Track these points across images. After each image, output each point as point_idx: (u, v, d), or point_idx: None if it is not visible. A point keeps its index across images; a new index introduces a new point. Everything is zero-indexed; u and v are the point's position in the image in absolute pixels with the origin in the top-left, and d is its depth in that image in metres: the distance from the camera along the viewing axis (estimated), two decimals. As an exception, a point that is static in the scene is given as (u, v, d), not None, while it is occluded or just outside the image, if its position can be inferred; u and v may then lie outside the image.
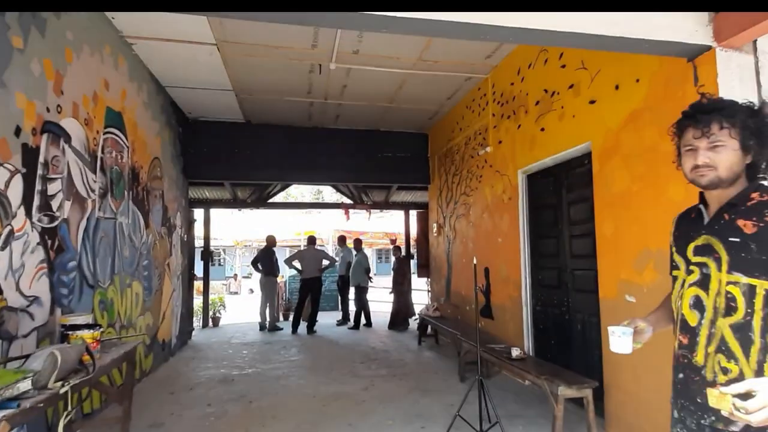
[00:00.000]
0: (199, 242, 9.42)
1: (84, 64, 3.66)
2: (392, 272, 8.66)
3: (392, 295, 8.30)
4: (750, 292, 1.17)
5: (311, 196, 21.73)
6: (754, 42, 2.63)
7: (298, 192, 22.33)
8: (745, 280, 1.18)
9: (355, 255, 8.60)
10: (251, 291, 17.88)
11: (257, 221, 15.49)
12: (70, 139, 3.44)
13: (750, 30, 2.41)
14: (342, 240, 9.26)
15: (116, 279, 4.29)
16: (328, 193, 21.18)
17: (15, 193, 2.76)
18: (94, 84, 3.85)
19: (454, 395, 4.22)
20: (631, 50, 2.69)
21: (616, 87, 3.31)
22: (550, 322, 4.30)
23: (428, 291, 8.66)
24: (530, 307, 4.58)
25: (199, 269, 9.14)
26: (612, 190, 3.36)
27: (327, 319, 9.18)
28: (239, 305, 13.35)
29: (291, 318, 8.61)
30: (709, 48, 2.58)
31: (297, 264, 8.13)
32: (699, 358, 1.25)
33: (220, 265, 25.80)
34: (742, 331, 1.18)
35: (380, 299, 10.14)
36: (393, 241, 10.34)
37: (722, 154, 1.23)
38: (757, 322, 1.16)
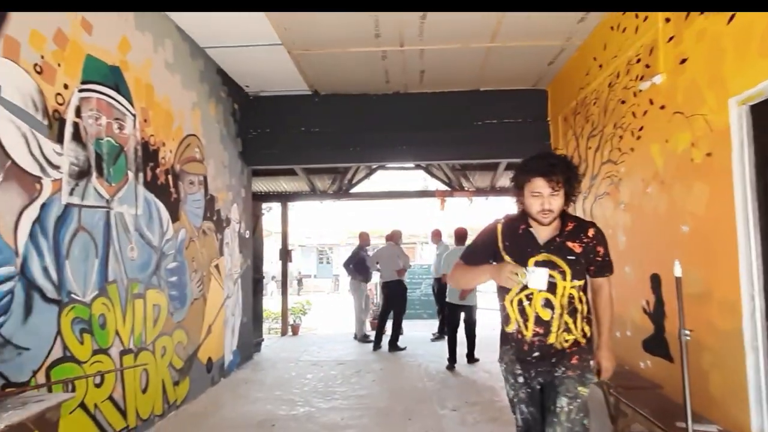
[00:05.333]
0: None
1: (30, -15, 2.56)
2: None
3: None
4: (579, 290, 1.89)
5: (404, 183, 20.01)
6: None
7: (397, 179, 20.72)
8: (577, 283, 1.87)
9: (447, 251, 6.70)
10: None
11: (371, 215, 14.57)
12: (-3, 87, 2.34)
13: None
14: (437, 235, 7.57)
15: (112, 288, 3.20)
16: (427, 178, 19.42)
17: None
18: (54, 17, 2.75)
19: None
20: None
21: None
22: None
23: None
24: (765, 351, 2.43)
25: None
26: None
27: (424, 331, 7.54)
28: (336, 308, 12.50)
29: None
30: None
31: (378, 265, 6.71)
32: (551, 338, 1.87)
33: (328, 263, 26.01)
34: (574, 315, 1.88)
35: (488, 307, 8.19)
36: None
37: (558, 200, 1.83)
38: (581, 307, 1.91)
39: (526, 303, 1.86)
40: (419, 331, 7.51)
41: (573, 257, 1.84)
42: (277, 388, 4.58)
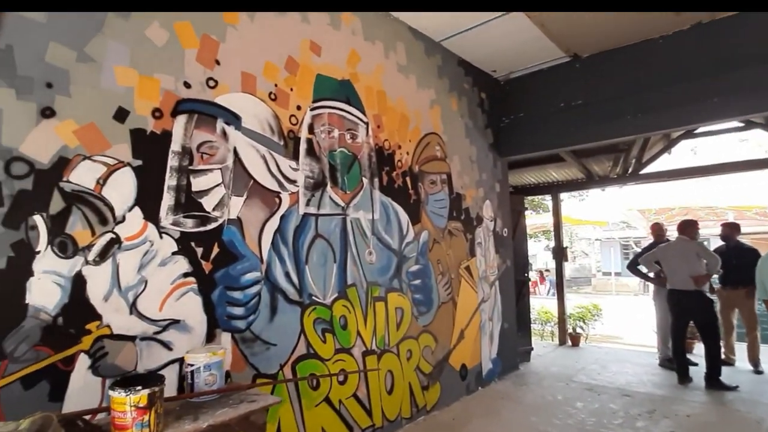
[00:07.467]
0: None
1: (264, 24, 2.92)
2: None
3: None
4: None
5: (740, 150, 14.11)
6: None
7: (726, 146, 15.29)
8: None
9: None
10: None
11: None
12: (239, 119, 2.74)
13: None
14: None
15: (352, 291, 3.36)
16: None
17: (122, 191, 2.21)
18: (285, 47, 3.06)
19: None
20: None
21: None
22: None
23: None
24: None
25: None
26: None
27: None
28: (644, 314, 10.39)
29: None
30: None
31: (659, 267, 4.89)
32: None
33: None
34: None
35: None
36: None
37: None
38: None
39: None
40: (766, 362, 5.13)
41: None
42: (534, 412, 3.89)
